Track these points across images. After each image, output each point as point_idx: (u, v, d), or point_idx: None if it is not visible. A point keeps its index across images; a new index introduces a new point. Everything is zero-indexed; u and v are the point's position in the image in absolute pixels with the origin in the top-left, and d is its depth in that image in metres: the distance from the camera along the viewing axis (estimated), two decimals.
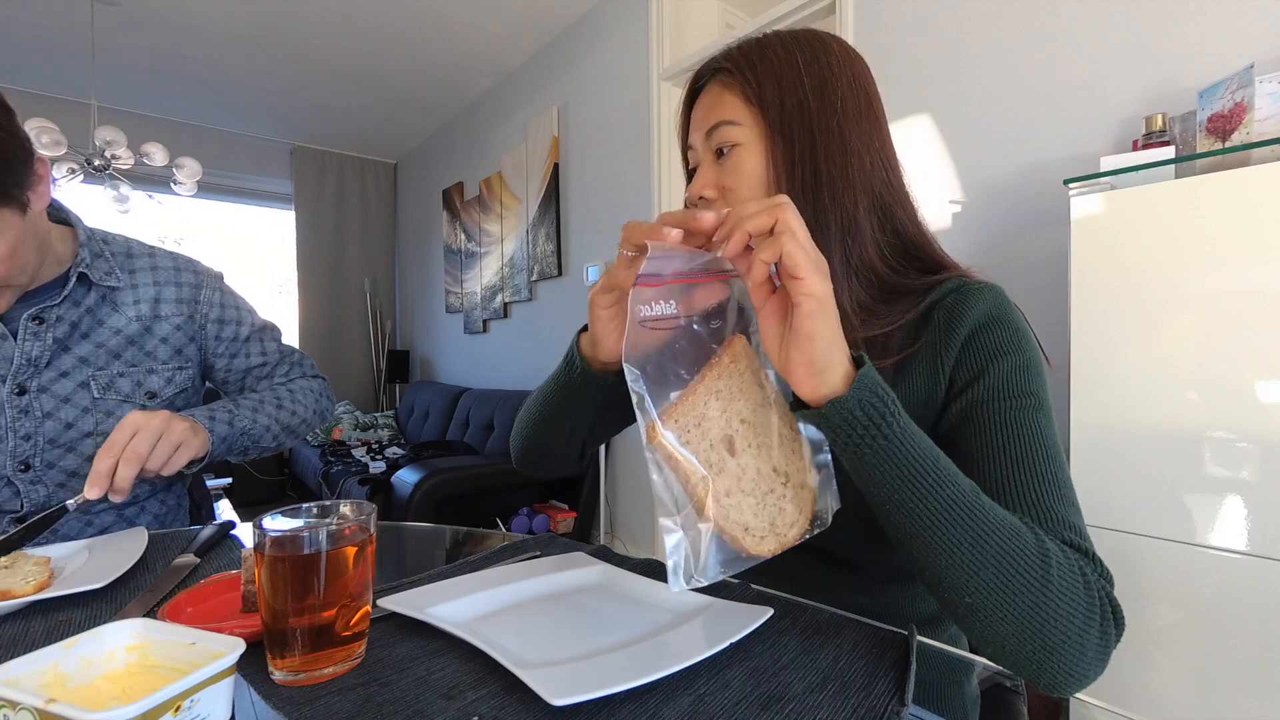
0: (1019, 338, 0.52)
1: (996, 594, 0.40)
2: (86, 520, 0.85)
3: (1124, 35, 1.36)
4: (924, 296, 0.56)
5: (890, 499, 0.42)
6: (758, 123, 0.57)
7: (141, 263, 0.92)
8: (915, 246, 0.59)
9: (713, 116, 0.59)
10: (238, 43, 3.09)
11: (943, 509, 0.41)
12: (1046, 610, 0.39)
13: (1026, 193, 1.48)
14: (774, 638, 0.46)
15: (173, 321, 0.92)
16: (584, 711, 0.36)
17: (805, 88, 0.56)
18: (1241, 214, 0.93)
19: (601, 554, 0.64)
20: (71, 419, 0.83)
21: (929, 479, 0.41)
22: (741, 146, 0.58)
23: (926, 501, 0.41)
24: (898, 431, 0.41)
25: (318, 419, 1.03)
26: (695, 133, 0.61)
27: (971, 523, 0.40)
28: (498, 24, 2.99)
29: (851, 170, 0.55)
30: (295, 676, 0.40)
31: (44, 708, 0.29)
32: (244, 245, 4.57)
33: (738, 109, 0.58)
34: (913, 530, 0.42)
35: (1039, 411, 0.49)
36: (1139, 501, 1.01)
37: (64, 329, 0.82)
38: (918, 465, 0.41)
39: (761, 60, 0.58)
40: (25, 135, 0.71)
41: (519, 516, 2.76)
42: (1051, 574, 0.40)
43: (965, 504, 0.41)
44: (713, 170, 0.59)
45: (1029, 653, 0.40)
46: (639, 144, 2.62)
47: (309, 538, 0.40)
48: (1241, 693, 0.93)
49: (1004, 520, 0.41)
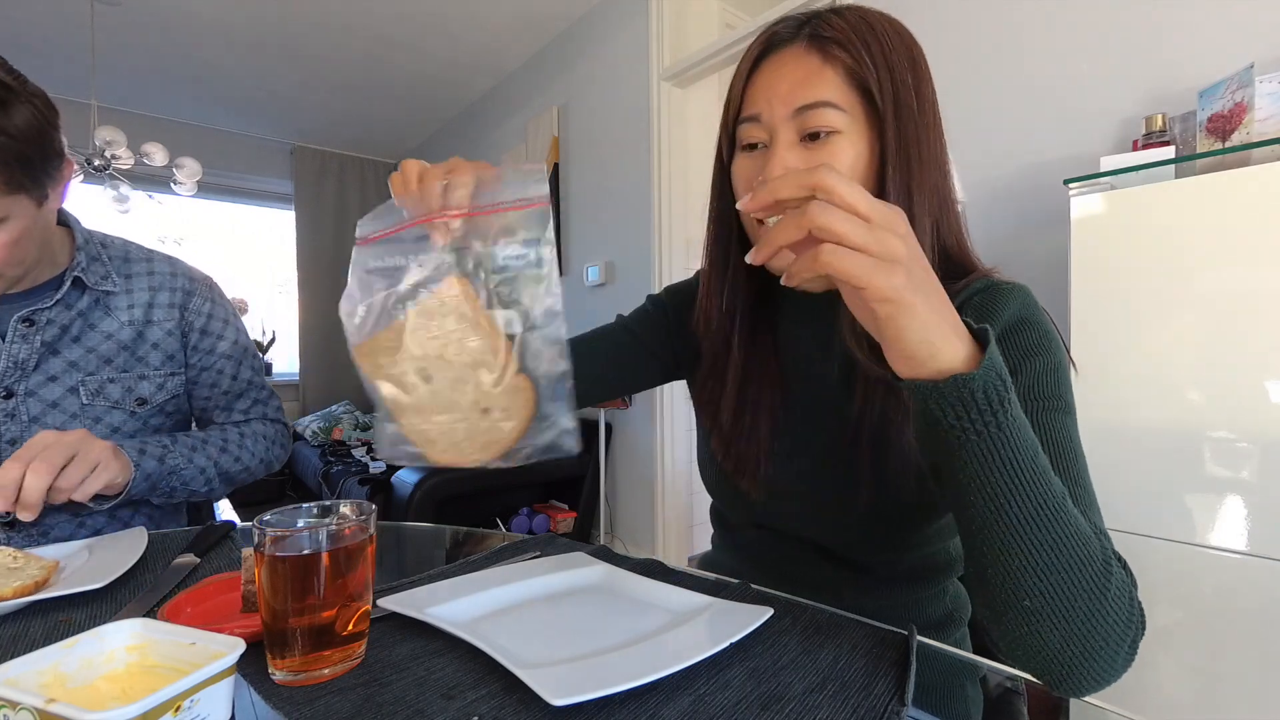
0: (1048, 339, 0.52)
1: (1059, 600, 0.38)
2: (79, 522, 0.83)
3: (1124, 35, 1.36)
4: (954, 298, 0.55)
5: (983, 490, 0.38)
6: (862, 110, 0.52)
7: (138, 267, 0.91)
8: (953, 251, 0.58)
9: (809, 93, 0.51)
10: (238, 43, 3.09)
11: (1034, 509, 0.38)
12: (1098, 619, 0.38)
13: (1026, 193, 1.48)
14: (774, 638, 0.46)
15: (164, 327, 0.90)
16: (584, 711, 0.36)
17: (910, 82, 0.52)
18: (1241, 214, 0.93)
19: (601, 554, 0.64)
20: (59, 424, 0.82)
21: (1028, 475, 0.38)
22: (842, 135, 0.51)
23: (1020, 499, 0.38)
24: (1013, 419, 0.37)
25: (262, 468, 0.98)
26: (774, 104, 0.52)
27: (1056, 526, 0.38)
28: (498, 24, 2.99)
29: (935, 177, 0.54)
30: (295, 676, 0.40)
31: (44, 708, 0.29)
32: (244, 245, 4.56)
33: (841, 91, 0.51)
34: (995, 527, 0.38)
35: (1067, 415, 0.49)
36: (1139, 501, 1.01)
37: (54, 332, 0.82)
38: (1022, 459, 0.37)
39: (874, 40, 0.51)
40: (62, 137, 0.75)
41: (519, 516, 2.76)
42: (1111, 584, 0.39)
43: (1055, 506, 0.38)
44: (799, 154, 0.52)
45: (1067, 658, 0.38)
46: (639, 144, 2.62)
47: (309, 538, 0.40)
48: (1241, 693, 0.93)
49: (1081, 526, 0.39)
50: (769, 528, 0.66)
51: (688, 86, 2.57)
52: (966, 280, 0.56)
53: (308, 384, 4.43)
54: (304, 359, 4.43)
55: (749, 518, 0.68)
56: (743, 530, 0.70)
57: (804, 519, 0.63)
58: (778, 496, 0.63)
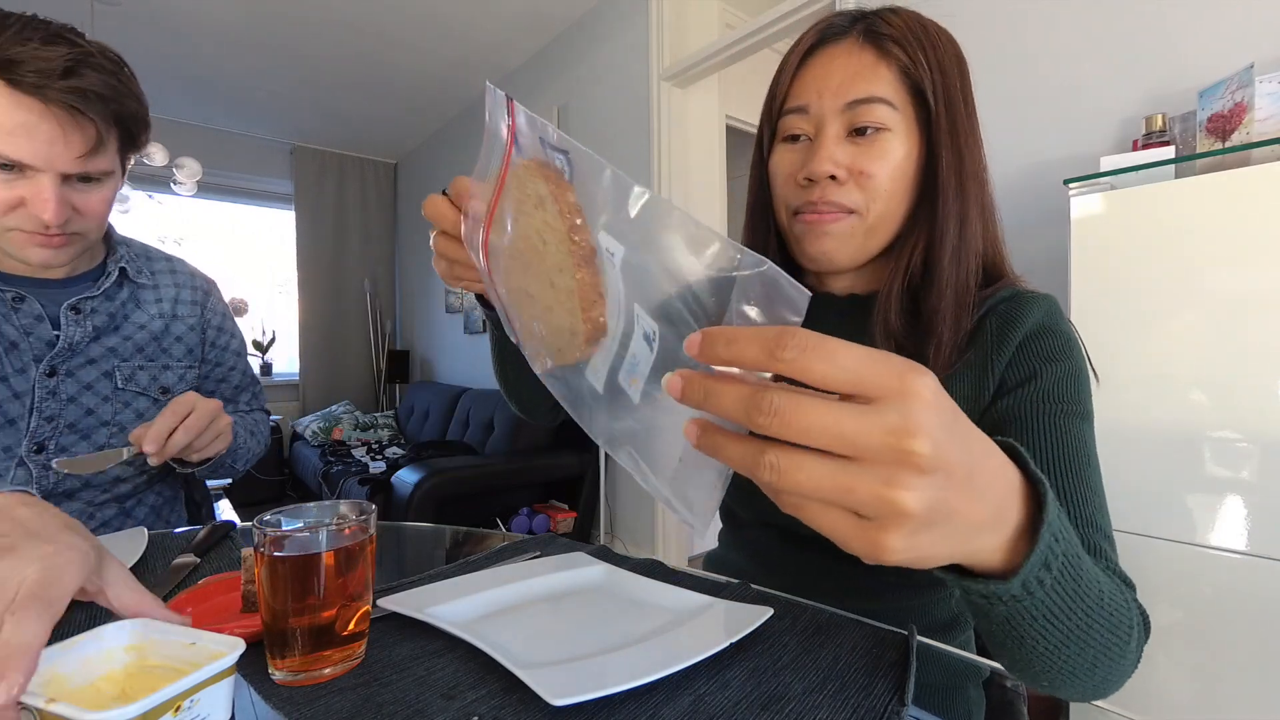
0: (1069, 347, 0.53)
1: (1089, 670, 0.36)
2: (89, 514, 0.85)
3: (1124, 35, 1.36)
4: (981, 307, 0.56)
5: (1022, 643, 0.34)
6: (913, 110, 0.52)
7: (159, 265, 0.97)
8: (990, 258, 0.58)
9: (861, 88, 0.51)
10: (238, 43, 3.09)
11: (1080, 622, 0.33)
12: (1120, 667, 0.38)
13: (1026, 193, 1.48)
14: (774, 638, 0.46)
15: (187, 322, 0.96)
16: (584, 711, 0.36)
17: (958, 85, 0.53)
18: (1241, 214, 0.93)
19: (601, 554, 0.64)
20: (92, 405, 0.85)
21: (1086, 608, 0.33)
22: (891, 133, 0.52)
23: (1070, 619, 0.33)
24: (1073, 578, 0.32)
25: (258, 452, 1.05)
26: (824, 97, 0.53)
27: (1099, 623, 0.35)
28: (498, 24, 2.99)
29: (979, 181, 0.55)
30: (295, 676, 0.40)
31: (44, 708, 0.29)
32: (244, 245, 4.56)
33: (894, 89, 0.52)
34: (1036, 649, 0.34)
35: (1083, 420, 0.50)
36: (1139, 501, 1.01)
37: (101, 320, 0.86)
38: (1073, 611, 0.32)
39: (929, 42, 0.52)
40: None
41: (519, 516, 2.76)
42: (1132, 636, 0.37)
43: (1094, 603, 0.34)
44: (846, 148, 0.53)
45: (1086, 693, 0.39)
46: (639, 144, 2.62)
47: (309, 538, 0.40)
48: (1241, 693, 0.93)
49: (1114, 601, 0.36)
50: (778, 525, 0.67)
51: (688, 86, 2.57)
52: (995, 287, 0.57)
53: (308, 384, 4.43)
54: (304, 359, 4.43)
55: (760, 514, 0.68)
56: (752, 527, 0.71)
57: None
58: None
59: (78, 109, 0.69)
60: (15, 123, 0.67)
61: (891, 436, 0.22)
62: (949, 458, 0.23)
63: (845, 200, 0.54)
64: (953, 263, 0.54)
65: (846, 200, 0.54)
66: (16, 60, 0.66)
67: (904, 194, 0.55)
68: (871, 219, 0.55)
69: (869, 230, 0.55)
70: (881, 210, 0.54)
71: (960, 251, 0.54)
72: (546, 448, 2.89)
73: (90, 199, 0.76)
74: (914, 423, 0.22)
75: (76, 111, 0.70)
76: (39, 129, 0.68)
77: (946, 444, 0.23)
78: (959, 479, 0.24)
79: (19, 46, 0.66)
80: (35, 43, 0.67)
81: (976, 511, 0.25)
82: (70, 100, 0.69)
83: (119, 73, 0.75)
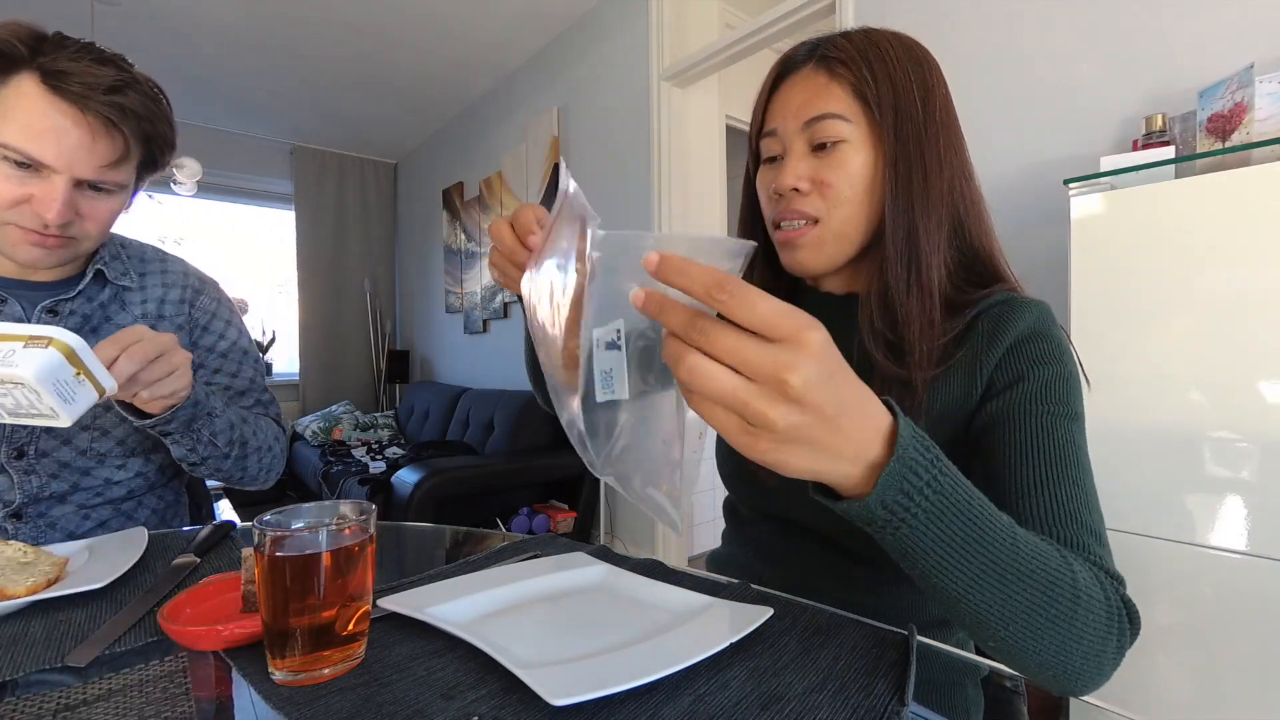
0: (1059, 351, 0.54)
1: (1029, 629, 0.39)
2: (83, 517, 0.85)
3: (1124, 35, 1.36)
4: (973, 308, 0.57)
5: (916, 568, 0.39)
6: (867, 122, 0.56)
7: (153, 267, 0.95)
8: (978, 258, 0.60)
9: (816, 106, 0.56)
10: (238, 43, 3.09)
11: (986, 565, 0.37)
12: (1073, 636, 0.39)
13: (1026, 193, 1.48)
14: (774, 638, 0.46)
15: (175, 321, 0.94)
16: (584, 711, 0.36)
17: (915, 94, 0.56)
18: (1241, 214, 0.93)
19: (601, 554, 0.64)
20: None
21: (966, 543, 0.37)
22: (848, 144, 0.56)
23: (970, 560, 0.37)
24: (938, 498, 0.36)
25: (270, 459, 0.97)
26: (787, 119, 0.58)
27: (1012, 570, 0.38)
28: (498, 24, 2.99)
29: (943, 184, 0.56)
30: (295, 676, 0.40)
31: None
32: (244, 245, 4.56)
33: (846, 103, 0.56)
34: (950, 590, 0.38)
35: (1073, 422, 0.50)
36: (1139, 501, 1.01)
37: (76, 322, 0.85)
38: (954, 531, 0.36)
39: (877, 58, 0.56)
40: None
41: (519, 516, 2.76)
42: (1080, 601, 0.39)
43: (1005, 551, 0.38)
44: (808, 162, 0.58)
45: (1053, 670, 0.40)
46: (639, 144, 2.62)
47: (309, 538, 0.40)
48: (1241, 693, 0.93)
49: (1038, 555, 0.39)
50: (780, 519, 0.67)
51: (688, 86, 2.57)
52: (989, 291, 0.58)
53: (308, 384, 4.43)
54: (304, 359, 4.43)
55: (762, 508, 0.69)
56: (755, 523, 0.71)
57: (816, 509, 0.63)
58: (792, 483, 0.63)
59: (113, 121, 0.72)
60: (47, 125, 0.69)
61: (776, 368, 0.29)
62: (816, 395, 0.30)
63: (808, 209, 0.58)
64: (904, 267, 0.56)
65: (809, 209, 0.58)
66: (67, 72, 0.69)
67: (865, 199, 0.58)
68: (835, 224, 0.58)
69: (836, 236, 0.59)
70: (845, 215, 0.58)
71: (911, 256, 0.56)
72: (546, 448, 2.89)
73: (97, 207, 0.77)
74: (794, 361, 0.29)
75: (111, 124, 0.72)
76: (70, 134, 0.70)
77: (817, 384, 0.29)
78: (827, 414, 0.31)
79: (72, 62, 0.70)
80: (87, 61, 0.71)
81: (836, 442, 0.32)
82: (109, 113, 0.72)
83: (159, 100, 0.79)
